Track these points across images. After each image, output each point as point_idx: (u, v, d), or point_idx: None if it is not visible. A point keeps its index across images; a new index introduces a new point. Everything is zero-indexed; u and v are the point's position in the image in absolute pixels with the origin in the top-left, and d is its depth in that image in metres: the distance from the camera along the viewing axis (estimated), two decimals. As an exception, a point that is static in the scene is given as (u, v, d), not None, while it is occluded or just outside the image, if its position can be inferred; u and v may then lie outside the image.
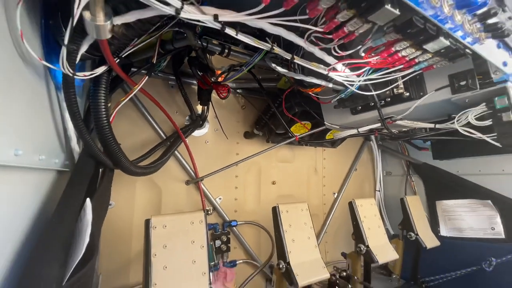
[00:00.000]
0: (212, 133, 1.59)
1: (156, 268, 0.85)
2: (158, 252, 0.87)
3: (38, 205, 0.65)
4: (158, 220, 0.91)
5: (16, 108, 0.55)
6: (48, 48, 0.68)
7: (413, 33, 0.63)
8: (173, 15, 0.55)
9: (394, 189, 2.15)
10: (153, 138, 1.39)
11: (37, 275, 0.46)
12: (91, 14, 0.52)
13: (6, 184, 0.53)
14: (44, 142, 0.68)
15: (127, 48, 0.75)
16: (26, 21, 0.60)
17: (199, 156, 1.49)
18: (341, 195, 2.06)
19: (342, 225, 2.01)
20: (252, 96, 1.69)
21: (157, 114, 1.36)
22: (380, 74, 0.84)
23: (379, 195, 2.20)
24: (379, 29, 0.68)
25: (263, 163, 1.75)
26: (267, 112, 1.56)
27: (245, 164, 1.62)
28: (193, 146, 1.47)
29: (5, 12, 0.52)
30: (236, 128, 1.68)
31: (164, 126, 1.41)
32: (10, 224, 0.53)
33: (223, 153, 1.61)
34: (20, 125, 0.56)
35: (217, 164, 1.52)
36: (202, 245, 0.94)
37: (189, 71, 1.38)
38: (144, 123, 1.38)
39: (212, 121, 1.59)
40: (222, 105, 1.63)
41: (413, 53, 0.72)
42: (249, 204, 1.67)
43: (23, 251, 0.56)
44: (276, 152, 1.80)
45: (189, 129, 1.39)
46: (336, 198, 2.05)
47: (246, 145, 1.69)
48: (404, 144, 2.10)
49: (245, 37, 0.68)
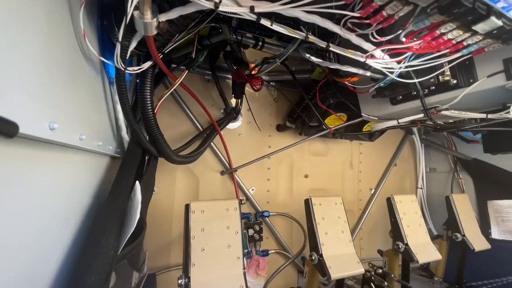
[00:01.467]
0: (245, 126, 1.61)
1: (195, 249, 0.89)
2: (196, 235, 0.91)
3: (97, 185, 0.73)
4: (197, 205, 0.95)
5: (80, 98, 0.62)
6: (103, 46, 0.75)
7: (460, 14, 0.58)
8: (212, 9, 0.57)
9: (439, 187, 2.01)
10: (191, 130, 1.45)
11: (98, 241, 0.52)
12: (140, 12, 0.56)
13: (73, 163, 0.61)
14: (100, 130, 0.75)
15: (169, 44, 0.79)
16: (86, 22, 0.66)
17: (233, 148, 1.52)
18: (378, 191, 1.97)
19: (379, 222, 1.93)
20: (285, 88, 1.68)
21: (195, 108, 1.42)
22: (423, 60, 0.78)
23: (421, 192, 2.06)
24: (422, 11, 0.63)
25: (296, 156, 1.73)
26: (300, 104, 1.53)
27: (277, 156, 1.62)
28: (228, 138, 1.50)
29: (70, 14, 0.58)
30: (269, 121, 1.68)
31: (201, 119, 1.46)
32: (74, 198, 0.61)
33: (256, 145, 1.62)
34: (83, 114, 0.63)
35: (250, 156, 1.54)
36: (237, 231, 0.97)
37: (224, 66, 1.43)
38: (183, 116, 1.44)
39: (246, 114, 1.61)
40: (255, 98, 1.64)
41: (460, 36, 0.66)
42: (281, 196, 1.68)
43: (85, 221, 0.63)
44: (309, 145, 1.78)
45: (223, 122, 1.43)
46: (373, 194, 1.97)
47: (278, 138, 1.69)
48: (451, 138, 1.93)
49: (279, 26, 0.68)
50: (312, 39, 0.74)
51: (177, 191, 1.42)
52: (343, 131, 1.57)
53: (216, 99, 1.52)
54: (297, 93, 1.65)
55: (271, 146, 1.66)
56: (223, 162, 1.51)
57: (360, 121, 1.37)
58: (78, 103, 0.61)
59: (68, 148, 0.58)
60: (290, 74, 1.30)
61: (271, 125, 1.69)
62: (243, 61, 1.21)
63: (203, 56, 1.17)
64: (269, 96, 1.69)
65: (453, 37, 0.66)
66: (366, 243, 1.91)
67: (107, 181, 0.80)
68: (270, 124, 1.69)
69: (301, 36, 0.73)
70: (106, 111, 0.81)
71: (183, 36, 0.80)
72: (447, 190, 1.93)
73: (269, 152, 1.54)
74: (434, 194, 2.03)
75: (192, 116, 1.45)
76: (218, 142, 1.49)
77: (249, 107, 1.55)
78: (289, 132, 1.71)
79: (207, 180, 1.48)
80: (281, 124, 1.70)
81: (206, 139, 1.33)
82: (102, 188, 0.76)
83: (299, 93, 1.54)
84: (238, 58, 1.20)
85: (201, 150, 1.24)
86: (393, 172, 2.05)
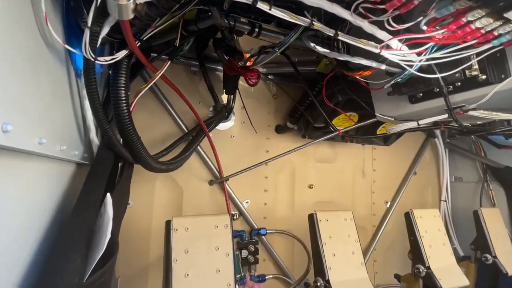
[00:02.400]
0: (238, 127, 1.62)
1: (177, 275, 0.89)
2: (179, 257, 0.91)
3: (59, 197, 0.72)
4: (180, 222, 0.95)
5: (41, 94, 0.61)
6: (69, 32, 0.74)
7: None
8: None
9: (466, 199, 2.03)
10: (173, 131, 1.46)
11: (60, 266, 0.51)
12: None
13: (30, 171, 0.60)
14: (64, 132, 0.75)
15: (148, 30, 0.78)
16: (49, 3, 0.65)
17: (224, 153, 1.53)
18: (395, 205, 1.99)
19: (396, 242, 1.95)
20: (285, 82, 1.68)
21: (179, 105, 1.42)
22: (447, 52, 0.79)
23: (445, 206, 2.09)
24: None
25: (298, 162, 1.74)
26: (304, 102, 1.54)
27: (277, 163, 1.63)
28: (218, 141, 1.51)
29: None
30: (267, 120, 1.69)
31: (186, 118, 1.47)
32: (32, 213, 0.60)
33: (251, 149, 1.63)
34: (44, 113, 0.63)
35: (244, 163, 1.55)
36: (228, 252, 0.97)
37: (214, 55, 1.43)
38: (165, 114, 1.44)
39: (239, 112, 1.61)
40: (250, 94, 1.65)
41: (490, 24, 0.67)
42: (280, 210, 1.69)
43: (45, 242, 0.62)
44: (314, 150, 1.79)
45: (213, 122, 1.43)
46: (389, 208, 1.99)
47: (278, 141, 1.70)
48: (479, 142, 1.96)
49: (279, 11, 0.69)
50: (317, 26, 0.74)
51: (157, 205, 1.42)
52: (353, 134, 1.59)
53: (204, 95, 1.52)
54: (299, 89, 1.66)
55: (269, 151, 1.67)
56: (211, 169, 1.52)
57: (374, 122, 1.38)
58: (37, 100, 0.60)
59: (25, 154, 0.57)
60: (291, 66, 1.31)
61: (269, 126, 1.70)
62: (237, 51, 1.21)
63: (189, 44, 1.17)
64: (267, 92, 1.70)
65: (482, 25, 0.67)
66: (381, 266, 1.91)
67: (72, 193, 0.79)
68: (268, 125, 1.70)
69: (305, 22, 0.74)
70: (71, 109, 0.81)
71: (165, 20, 0.79)
72: (476, 203, 1.94)
73: (266, 158, 1.55)
74: (460, 208, 2.04)
75: (175, 114, 1.45)
76: (206, 146, 1.49)
77: (243, 105, 1.56)
78: (290, 135, 1.72)
79: (192, 191, 1.48)
80: (281, 125, 1.71)
81: (192, 142, 1.33)
82: (66, 202, 0.75)
83: (302, 89, 1.56)
84: (231, 46, 1.20)
85: (186, 155, 1.25)
86: (412, 182, 2.06)
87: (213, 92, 1.43)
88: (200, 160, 1.51)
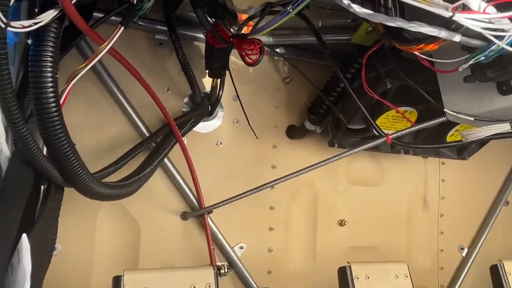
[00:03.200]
0: (229, 128, 1.59)
1: None
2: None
3: None
4: (135, 279, 0.95)
5: None
6: None
7: None
8: None
9: None
10: (127, 135, 1.42)
11: None
12: None
13: None
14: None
15: None
16: None
17: (206, 169, 1.50)
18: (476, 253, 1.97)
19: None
20: (304, 59, 1.65)
21: (136, 94, 1.39)
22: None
23: (554, 255, 2.06)
24: None
25: (323, 185, 1.72)
26: (332, 90, 1.51)
27: (289, 185, 1.60)
28: (196, 151, 1.47)
29: None
30: (274, 118, 1.66)
31: (147, 115, 1.44)
32: None
33: (249, 164, 1.60)
34: None
35: (238, 185, 1.51)
36: (211, 328, 0.97)
37: (191, 17, 1.40)
38: (114, 108, 1.42)
39: (230, 105, 1.58)
40: (248, 78, 1.62)
41: None
42: (294, 261, 1.66)
43: None
44: (348, 166, 1.77)
45: (189, 120, 1.40)
46: (467, 257, 1.96)
47: (290, 151, 1.67)
48: None
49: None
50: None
51: (99, 251, 1.40)
52: (410, 141, 1.56)
53: (175, 78, 1.50)
54: (325, 70, 1.62)
55: (277, 166, 1.64)
56: (186, 195, 1.49)
57: (442, 123, 1.34)
58: None
59: None
60: (313, 35, 1.28)
61: (277, 126, 1.68)
62: (226, 10, 1.19)
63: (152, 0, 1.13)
64: (275, 74, 1.67)
65: None
66: None
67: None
68: (276, 126, 1.68)
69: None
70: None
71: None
72: None
73: (273, 178, 1.47)
74: None
75: (130, 109, 1.43)
76: (178, 159, 1.46)
77: (237, 94, 1.53)
78: (310, 141, 1.70)
79: (155, 229, 1.46)
80: (295, 126, 1.68)
81: (156, 152, 1.31)
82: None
83: (330, 69, 1.52)
84: (218, 3, 1.18)
85: (146, 173, 1.23)
86: (503, 216, 2.03)
87: (189, 73, 1.40)
88: (168, 181, 1.48)
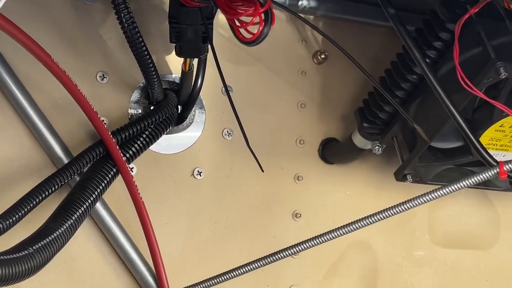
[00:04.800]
0: (214, 144, 1.42)
1: None
2: None
3: None
4: None
5: None
6: None
7: None
8: None
9: None
10: (29, 162, 1.27)
11: None
12: None
13: None
14: None
15: None
16: None
17: (174, 224, 1.35)
18: None
19: None
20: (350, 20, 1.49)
21: (45, 86, 1.25)
22: None
23: None
24: None
25: (386, 247, 1.50)
26: (401, 79, 1.31)
27: (325, 250, 1.37)
28: (155, 189, 1.29)
29: None
30: (296, 126, 1.48)
31: (65, 123, 1.27)
32: None
33: (250, 211, 1.41)
34: None
35: (229, 251, 1.36)
36: None
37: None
38: (5, 113, 1.28)
39: (217, 104, 1.42)
40: (250, 54, 1.49)
41: None
42: None
43: None
44: (432, 213, 1.57)
45: (140, 133, 1.25)
46: None
47: (326, 185, 1.45)
48: None
49: None
50: None
51: None
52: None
53: (116, 57, 1.32)
54: (387, 41, 1.44)
55: (302, 214, 1.38)
56: (137, 272, 1.26)
57: None
58: None
59: None
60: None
61: (302, 141, 1.45)
62: None
63: None
64: (299, 46, 1.43)
65: None
66: None
67: None
68: (301, 139, 1.44)
69: None
70: None
71: None
72: None
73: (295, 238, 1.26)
74: None
75: (33, 114, 1.24)
76: (120, 204, 1.27)
77: (225, 86, 1.22)
78: (362, 167, 1.47)
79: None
80: (335, 141, 1.48)
81: (79, 193, 1.12)
82: None
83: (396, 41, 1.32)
84: None
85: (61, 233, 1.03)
86: None
87: (140, 48, 1.15)
88: (104, 247, 1.24)
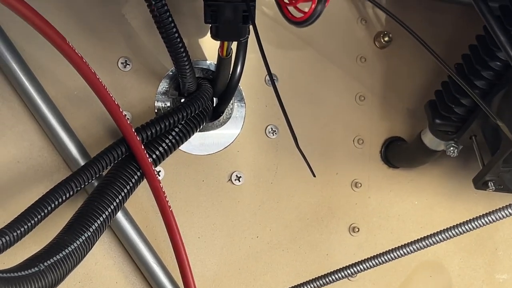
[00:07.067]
0: (257, 144, 1.39)
1: None
2: None
3: None
4: None
5: None
6: None
7: None
8: None
9: None
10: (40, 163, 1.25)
11: None
12: None
13: None
14: None
15: None
16: None
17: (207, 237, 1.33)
18: None
19: None
20: None
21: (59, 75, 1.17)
22: None
23: None
24: None
25: (463, 268, 1.38)
26: (481, 67, 1.27)
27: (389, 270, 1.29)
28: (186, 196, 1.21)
29: None
30: (353, 123, 1.46)
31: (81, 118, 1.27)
32: None
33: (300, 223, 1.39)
34: None
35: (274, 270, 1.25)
36: None
37: None
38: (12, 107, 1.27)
39: (260, 97, 1.35)
40: (300, 37, 1.42)
41: None
42: None
43: None
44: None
45: (170, 130, 1.18)
46: None
47: (391, 194, 1.43)
48: None
49: None
50: None
51: None
52: None
53: (140, 41, 1.31)
54: (464, 21, 1.35)
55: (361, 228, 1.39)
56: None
57: None
58: None
59: None
60: None
61: (361, 140, 1.41)
62: None
63: None
64: (358, 28, 1.42)
65: None
66: None
67: None
68: (360, 139, 1.42)
69: None
70: None
71: None
72: None
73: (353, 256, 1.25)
74: None
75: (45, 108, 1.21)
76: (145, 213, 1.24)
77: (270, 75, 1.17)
78: (433, 172, 1.42)
79: None
80: (401, 141, 1.42)
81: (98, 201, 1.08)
82: None
83: (475, 21, 1.20)
84: None
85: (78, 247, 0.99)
86: None
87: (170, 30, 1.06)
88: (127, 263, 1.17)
